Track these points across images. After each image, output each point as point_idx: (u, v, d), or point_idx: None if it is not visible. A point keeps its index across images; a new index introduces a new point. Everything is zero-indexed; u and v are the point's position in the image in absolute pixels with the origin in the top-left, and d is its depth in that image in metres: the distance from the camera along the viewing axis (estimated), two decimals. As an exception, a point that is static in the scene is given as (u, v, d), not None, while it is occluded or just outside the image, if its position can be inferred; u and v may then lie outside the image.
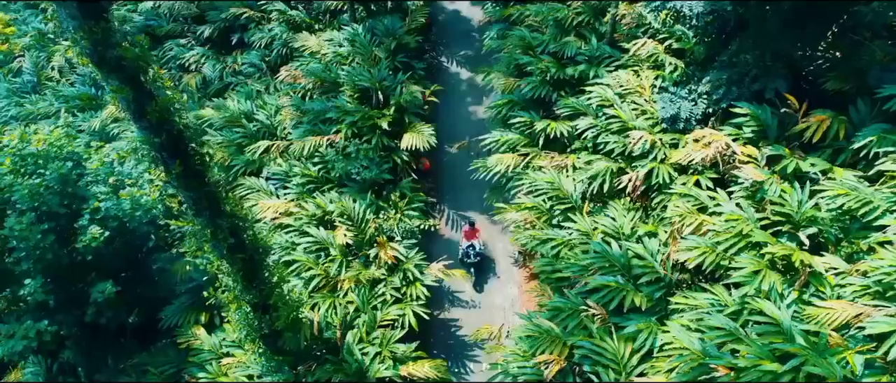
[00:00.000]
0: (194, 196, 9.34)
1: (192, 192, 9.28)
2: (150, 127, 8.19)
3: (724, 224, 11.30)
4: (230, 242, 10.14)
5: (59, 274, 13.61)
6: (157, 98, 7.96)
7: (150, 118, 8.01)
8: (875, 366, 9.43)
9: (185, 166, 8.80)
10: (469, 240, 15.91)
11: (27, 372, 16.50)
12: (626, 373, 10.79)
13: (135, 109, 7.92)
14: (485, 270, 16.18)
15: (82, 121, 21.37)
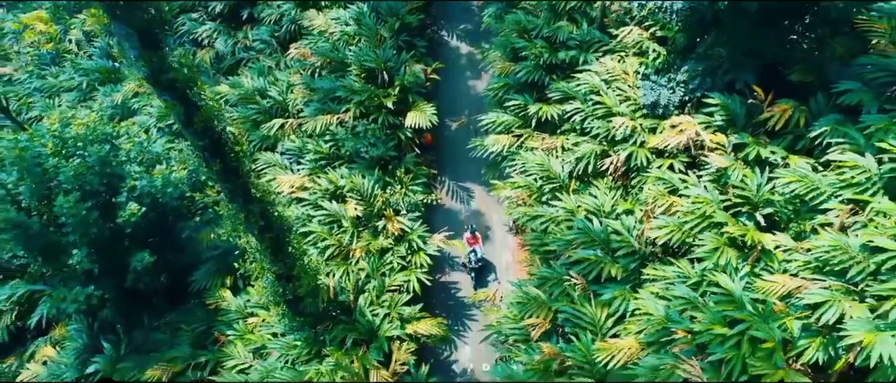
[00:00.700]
0: (230, 187, 10.89)
1: (228, 184, 10.82)
2: (196, 133, 9.66)
3: (691, 205, 12.88)
4: (260, 224, 11.74)
5: (102, 245, 15.23)
6: (201, 109, 9.40)
7: (196, 126, 9.47)
8: (811, 330, 11.16)
9: (223, 164, 10.31)
10: (471, 246, 16.90)
11: (71, 329, 18.43)
12: (601, 335, 12.57)
13: (184, 119, 9.37)
14: (484, 274, 17.38)
15: (104, 95, 22.64)
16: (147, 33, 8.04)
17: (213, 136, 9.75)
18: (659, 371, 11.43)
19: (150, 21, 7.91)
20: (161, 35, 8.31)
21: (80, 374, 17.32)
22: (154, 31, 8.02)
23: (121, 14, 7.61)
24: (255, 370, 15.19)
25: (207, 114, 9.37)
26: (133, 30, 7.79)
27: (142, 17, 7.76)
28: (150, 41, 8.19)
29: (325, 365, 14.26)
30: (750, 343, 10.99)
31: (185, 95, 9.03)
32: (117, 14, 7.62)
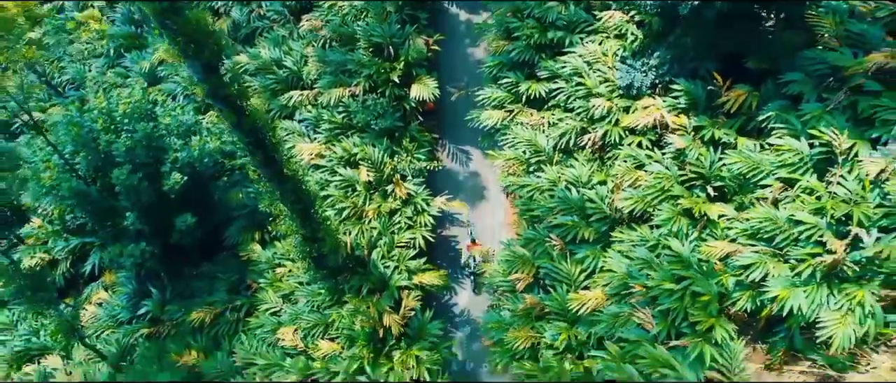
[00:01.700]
0: (269, 171, 13.25)
1: (267, 168, 13.18)
2: (244, 131, 11.93)
3: (653, 180, 15.25)
4: (292, 198, 14.17)
5: (150, 208, 17.73)
6: (248, 115, 11.64)
7: (244, 128, 11.73)
8: (743, 285, 13.76)
9: (264, 154, 12.64)
10: (469, 251, 18.69)
11: (121, 277, 21.19)
12: (575, 287, 15.24)
13: (235, 122, 11.63)
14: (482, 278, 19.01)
15: (131, 62, 24.56)
16: (209, 64, 10.18)
17: (258, 135, 12.03)
18: (618, 317, 14.17)
19: (211, 55, 10.04)
20: (218, 63, 10.45)
21: (132, 314, 20.23)
22: (214, 62, 10.16)
23: (193, 53, 9.74)
24: (286, 312, 18.00)
25: (253, 119, 11.62)
26: (199, 63, 9.94)
27: (206, 54, 9.89)
28: (211, 69, 10.34)
29: (345, 310, 17.04)
30: (691, 296, 13.64)
31: (236, 105, 11.24)
32: (189, 54, 9.76)
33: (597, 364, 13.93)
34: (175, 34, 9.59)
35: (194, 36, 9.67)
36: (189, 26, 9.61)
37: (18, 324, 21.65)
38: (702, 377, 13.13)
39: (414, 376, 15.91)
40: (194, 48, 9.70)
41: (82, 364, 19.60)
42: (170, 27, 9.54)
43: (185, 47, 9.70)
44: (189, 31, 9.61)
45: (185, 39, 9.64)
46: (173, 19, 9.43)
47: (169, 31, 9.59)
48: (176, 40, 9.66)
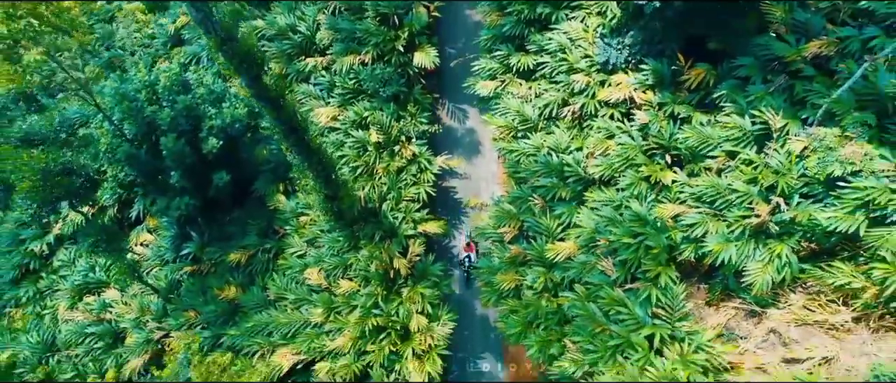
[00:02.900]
0: (298, 148, 16.03)
1: (297, 147, 15.95)
2: (281, 120, 14.63)
3: (620, 150, 18.04)
4: (317, 168, 17.04)
5: (190, 167, 20.58)
6: (284, 108, 14.30)
7: (281, 118, 14.43)
8: (688, 239, 16.83)
9: (296, 136, 15.38)
10: (466, 252, 21.07)
11: (163, 222, 24.28)
12: (552, 238, 18.35)
13: (275, 115, 14.30)
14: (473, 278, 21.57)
15: (155, 25, 26.65)
16: (256, 76, 12.76)
17: (291, 122, 14.74)
18: (586, 264, 17.38)
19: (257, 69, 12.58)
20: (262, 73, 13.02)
21: (176, 255, 23.50)
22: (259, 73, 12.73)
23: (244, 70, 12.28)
24: (310, 256, 21.24)
25: (288, 110, 14.28)
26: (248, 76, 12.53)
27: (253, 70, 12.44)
28: (257, 78, 12.92)
29: (361, 254, 20.26)
30: (645, 249, 16.76)
31: (275, 101, 13.89)
32: (241, 70, 12.30)
33: (567, 301, 17.27)
34: (230, 57, 12.08)
35: (245, 57, 12.16)
36: (242, 50, 12.08)
37: (76, 261, 25.02)
38: (650, 313, 16.46)
39: (418, 308, 19.34)
40: (245, 66, 12.21)
41: (137, 296, 23.07)
42: (227, 52, 12.02)
43: (238, 66, 12.21)
44: (241, 53, 12.08)
45: (238, 60, 12.15)
46: (229, 46, 11.89)
47: (226, 55, 12.07)
48: (231, 61, 12.15)
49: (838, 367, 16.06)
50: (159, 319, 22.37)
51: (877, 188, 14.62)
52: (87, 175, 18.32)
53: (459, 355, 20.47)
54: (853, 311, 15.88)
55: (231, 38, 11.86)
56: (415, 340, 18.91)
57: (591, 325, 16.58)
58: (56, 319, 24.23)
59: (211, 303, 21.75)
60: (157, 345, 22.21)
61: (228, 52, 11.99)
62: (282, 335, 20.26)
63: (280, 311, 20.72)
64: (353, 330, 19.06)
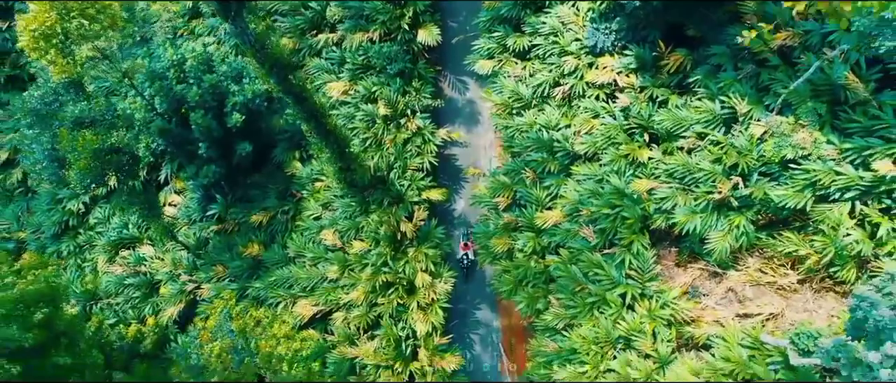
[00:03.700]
0: (317, 130, 18.19)
1: (318, 130, 18.12)
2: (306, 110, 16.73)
3: (603, 128, 20.14)
4: (334, 145, 19.24)
5: (216, 139, 22.72)
6: (307, 100, 16.37)
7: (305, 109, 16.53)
8: (660, 211, 19.13)
9: (316, 122, 17.52)
10: (464, 251, 22.94)
11: (189, 184, 26.54)
12: (541, 207, 20.71)
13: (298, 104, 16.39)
14: (472, 272, 23.45)
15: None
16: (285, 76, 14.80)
17: (314, 112, 16.86)
18: (570, 231, 19.79)
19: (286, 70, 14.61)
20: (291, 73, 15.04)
21: (202, 214, 25.89)
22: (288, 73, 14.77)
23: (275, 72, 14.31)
24: (325, 218, 23.64)
25: (311, 104, 16.38)
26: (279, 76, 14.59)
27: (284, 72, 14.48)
28: (285, 77, 14.96)
29: (371, 217, 22.66)
30: (622, 219, 19.11)
31: (300, 95, 15.97)
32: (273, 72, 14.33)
33: (552, 263, 19.79)
34: (262, 62, 14.05)
35: (275, 62, 14.11)
36: (272, 57, 14.03)
37: (110, 219, 27.48)
38: (624, 274, 18.95)
39: (422, 267, 21.90)
40: (275, 70, 14.18)
41: (169, 251, 25.65)
42: (260, 58, 13.97)
43: (269, 69, 14.20)
44: (271, 59, 14.04)
45: (269, 64, 14.12)
46: (262, 54, 13.83)
47: (259, 61, 14.04)
48: (263, 65, 14.12)
49: (783, 322, 18.70)
50: (190, 272, 25.02)
51: (822, 170, 16.83)
52: (130, 152, 20.50)
53: (460, 306, 23.15)
54: (799, 274, 18.38)
55: (264, 47, 13.78)
56: (419, 294, 21.53)
57: (572, 284, 19.14)
58: (96, 271, 26.92)
59: (237, 259, 24.33)
60: (190, 296, 24.94)
61: (261, 58, 13.94)
62: (301, 288, 22.91)
63: (299, 267, 23.29)
64: (365, 286, 21.67)
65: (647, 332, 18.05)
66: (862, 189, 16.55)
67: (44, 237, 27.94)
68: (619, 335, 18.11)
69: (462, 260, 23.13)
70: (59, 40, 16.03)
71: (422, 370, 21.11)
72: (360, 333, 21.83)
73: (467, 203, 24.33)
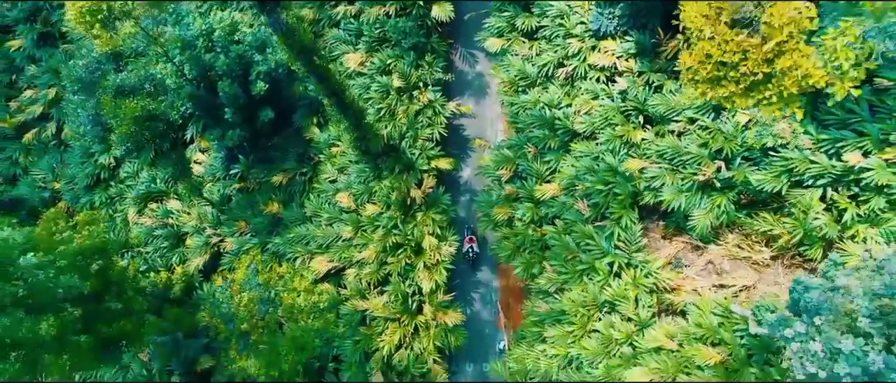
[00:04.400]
0: (338, 104, 19.82)
1: (338, 104, 19.74)
2: (328, 88, 18.33)
3: (602, 110, 21.66)
4: (351, 118, 20.90)
5: (241, 105, 24.38)
6: (330, 79, 17.95)
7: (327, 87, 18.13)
8: (649, 188, 20.82)
9: (337, 98, 19.13)
10: (469, 244, 24.34)
11: (213, 144, 28.33)
12: (540, 180, 22.43)
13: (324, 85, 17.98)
14: (478, 264, 25.06)
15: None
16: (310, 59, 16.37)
17: (335, 89, 18.46)
18: (565, 204, 21.56)
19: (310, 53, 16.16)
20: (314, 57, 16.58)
21: (226, 173, 27.76)
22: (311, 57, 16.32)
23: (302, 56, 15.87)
24: (340, 182, 25.47)
25: (333, 82, 17.96)
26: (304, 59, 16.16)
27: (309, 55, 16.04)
28: (311, 60, 16.52)
29: (383, 183, 24.46)
30: (614, 195, 20.84)
31: (323, 75, 17.54)
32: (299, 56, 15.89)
33: (548, 233, 21.65)
34: (292, 48, 15.56)
35: (303, 48, 15.64)
36: (300, 43, 15.54)
37: (139, 173, 29.43)
38: (613, 245, 20.79)
39: (430, 230, 23.81)
40: (303, 55, 15.70)
41: (196, 206, 27.65)
42: (290, 44, 15.49)
43: (298, 54, 15.73)
44: (300, 45, 15.55)
45: (298, 50, 15.65)
46: (292, 39, 15.33)
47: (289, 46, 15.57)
48: (292, 50, 15.65)
49: (755, 294, 20.61)
50: (215, 226, 27.08)
51: (798, 159, 18.41)
52: (166, 119, 22.23)
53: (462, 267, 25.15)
54: (772, 251, 20.16)
55: (294, 33, 15.26)
56: (426, 255, 23.52)
57: (565, 253, 21.04)
58: (126, 221, 29.03)
59: (258, 216, 26.32)
60: (214, 248, 27.06)
61: (291, 44, 15.45)
62: (317, 245, 24.93)
63: (315, 226, 25.26)
64: (377, 245, 23.65)
65: (631, 298, 19.99)
66: (833, 177, 18.13)
67: (77, 188, 29.96)
68: (605, 300, 20.09)
69: (467, 252, 24.60)
70: (103, 16, 17.56)
71: (426, 323, 23.26)
72: (371, 288, 23.91)
73: (473, 172, 26.07)
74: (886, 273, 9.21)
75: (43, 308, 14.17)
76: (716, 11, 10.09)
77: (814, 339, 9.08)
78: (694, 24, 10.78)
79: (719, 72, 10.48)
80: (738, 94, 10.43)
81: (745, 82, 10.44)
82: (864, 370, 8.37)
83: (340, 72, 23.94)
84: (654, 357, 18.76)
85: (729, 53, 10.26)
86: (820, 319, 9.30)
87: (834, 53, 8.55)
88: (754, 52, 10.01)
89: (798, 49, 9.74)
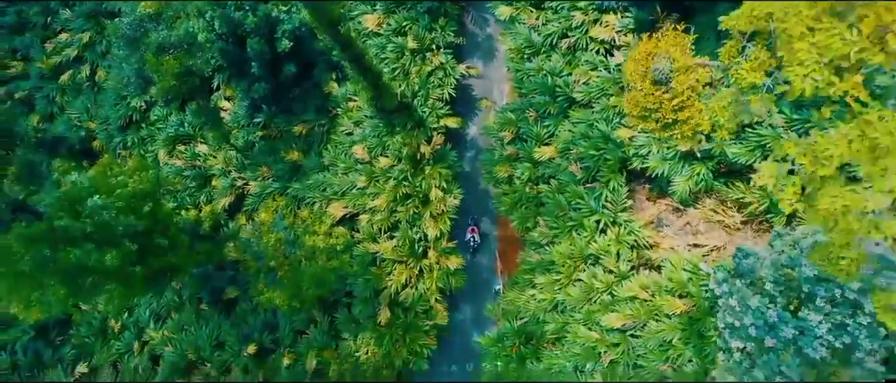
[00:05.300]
0: (357, 65, 21.80)
1: (356, 64, 21.72)
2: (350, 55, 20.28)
3: (599, 80, 23.57)
4: (370, 78, 22.91)
5: (267, 60, 26.30)
6: (352, 46, 19.88)
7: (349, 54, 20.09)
8: (637, 155, 22.98)
9: (357, 61, 21.10)
10: (471, 234, 26.15)
11: (238, 92, 30.37)
12: (539, 143, 24.59)
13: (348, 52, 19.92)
14: (479, 253, 26.94)
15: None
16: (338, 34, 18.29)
17: (356, 55, 20.41)
18: (560, 166, 23.79)
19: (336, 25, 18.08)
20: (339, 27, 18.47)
21: (249, 121, 29.93)
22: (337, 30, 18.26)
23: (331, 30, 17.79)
24: (356, 134, 27.67)
25: (351, 47, 19.90)
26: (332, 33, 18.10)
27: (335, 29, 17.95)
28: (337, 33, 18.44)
29: (396, 138, 26.65)
30: (604, 160, 23.04)
31: (346, 43, 19.48)
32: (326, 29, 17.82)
33: (543, 191, 23.99)
34: (320, 20, 17.43)
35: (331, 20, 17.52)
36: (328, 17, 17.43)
37: (168, 117, 31.62)
38: (601, 205, 23.13)
39: (436, 183, 26.15)
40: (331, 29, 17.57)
41: (223, 150, 29.97)
42: (318, 18, 17.38)
43: (325, 27, 17.62)
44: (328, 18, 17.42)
45: (326, 23, 17.54)
46: (320, 13, 17.21)
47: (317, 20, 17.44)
48: (321, 23, 17.53)
49: (725, 254, 23.10)
50: (239, 170, 29.48)
51: (770, 136, 20.48)
52: (201, 75, 24.22)
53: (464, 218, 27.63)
54: (743, 217, 22.52)
55: (322, 9, 17.09)
56: (432, 206, 25.95)
57: (557, 210, 23.43)
58: (157, 161, 31.44)
59: (279, 163, 28.65)
60: (238, 190, 29.54)
61: (320, 18, 17.31)
62: (333, 192, 27.36)
63: (332, 174, 27.62)
64: (388, 195, 26.07)
65: (613, 253, 22.51)
66: (800, 154, 20.24)
67: (111, 128, 32.21)
68: (590, 253, 22.61)
69: (469, 242, 26.53)
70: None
71: (430, 266, 25.93)
72: (381, 233, 26.47)
73: (478, 130, 28.18)
74: (798, 248, 11.48)
75: (106, 242, 16.71)
76: (643, 71, 13.03)
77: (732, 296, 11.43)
78: (631, 78, 13.88)
79: (646, 113, 13.47)
80: (657, 129, 13.50)
81: (662, 123, 13.49)
82: (764, 322, 10.66)
83: (358, 31, 25.74)
84: (629, 305, 21.41)
85: (651, 102, 13.22)
86: (740, 281, 11.64)
87: (715, 112, 11.45)
88: (666, 103, 13.01)
89: (694, 105, 12.72)
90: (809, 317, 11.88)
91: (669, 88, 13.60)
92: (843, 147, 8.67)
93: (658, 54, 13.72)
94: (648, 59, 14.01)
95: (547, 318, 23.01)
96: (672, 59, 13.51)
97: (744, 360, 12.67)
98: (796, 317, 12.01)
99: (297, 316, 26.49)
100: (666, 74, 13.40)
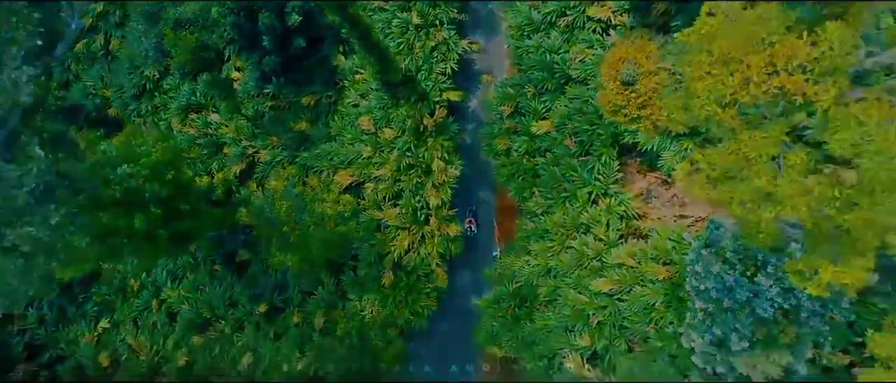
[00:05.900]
0: (364, 43, 22.96)
1: (364, 42, 22.87)
2: (358, 32, 21.43)
3: (595, 58, 24.72)
4: (376, 53, 24.08)
5: (278, 34, 27.40)
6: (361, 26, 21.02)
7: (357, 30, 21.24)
8: (629, 131, 24.25)
9: (364, 39, 22.25)
10: (469, 225, 27.32)
11: (248, 63, 31.50)
12: (537, 118, 25.86)
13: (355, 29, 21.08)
14: (477, 241, 28.08)
15: None
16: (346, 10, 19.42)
17: (365, 33, 21.55)
18: (556, 139, 25.11)
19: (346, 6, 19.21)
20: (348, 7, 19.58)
21: (259, 91, 31.13)
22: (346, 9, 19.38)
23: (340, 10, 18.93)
24: (362, 106, 28.91)
25: (361, 26, 21.03)
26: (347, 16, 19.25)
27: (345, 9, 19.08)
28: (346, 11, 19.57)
29: (400, 110, 27.91)
30: (598, 135, 24.34)
31: (354, 21, 20.62)
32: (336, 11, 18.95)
33: (539, 163, 25.37)
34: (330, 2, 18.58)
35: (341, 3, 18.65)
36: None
37: (181, 87, 32.79)
38: (593, 178, 24.51)
39: (438, 154, 27.51)
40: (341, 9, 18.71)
41: (234, 119, 31.24)
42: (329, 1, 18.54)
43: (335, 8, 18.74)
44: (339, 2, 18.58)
45: (336, 4, 18.66)
46: None
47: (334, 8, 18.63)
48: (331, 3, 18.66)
49: (708, 224, 24.58)
50: (250, 139, 30.81)
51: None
52: (216, 49, 25.36)
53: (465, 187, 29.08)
54: (727, 190, 23.88)
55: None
56: (434, 176, 27.37)
57: (552, 181, 24.87)
58: (170, 129, 32.74)
59: (288, 132, 29.98)
60: (249, 158, 30.92)
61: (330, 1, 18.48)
62: (340, 161, 28.75)
63: (339, 144, 28.96)
64: (392, 165, 27.47)
65: (603, 222, 24.00)
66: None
67: (125, 96, 33.41)
68: (581, 222, 24.12)
69: (467, 231, 27.66)
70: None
71: (431, 232, 27.48)
72: (386, 201, 27.94)
73: (479, 103, 29.42)
74: (760, 221, 13.00)
75: (134, 207, 18.19)
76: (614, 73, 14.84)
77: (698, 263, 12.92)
78: (605, 79, 16.86)
79: (616, 108, 16.51)
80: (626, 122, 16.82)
81: (629, 117, 16.37)
82: (723, 285, 12.15)
83: (365, 6, 26.78)
84: (617, 271, 23.01)
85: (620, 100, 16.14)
86: (708, 250, 13.12)
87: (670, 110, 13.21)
88: (633, 101, 14.83)
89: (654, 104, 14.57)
90: (762, 282, 13.44)
91: (635, 89, 15.28)
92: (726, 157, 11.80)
93: (627, 59, 15.38)
94: (619, 63, 15.71)
95: (540, 282, 24.65)
96: (638, 64, 15.14)
97: (706, 319, 14.34)
98: (752, 282, 13.60)
99: (306, 278, 28.17)
100: (633, 77, 14.86)
